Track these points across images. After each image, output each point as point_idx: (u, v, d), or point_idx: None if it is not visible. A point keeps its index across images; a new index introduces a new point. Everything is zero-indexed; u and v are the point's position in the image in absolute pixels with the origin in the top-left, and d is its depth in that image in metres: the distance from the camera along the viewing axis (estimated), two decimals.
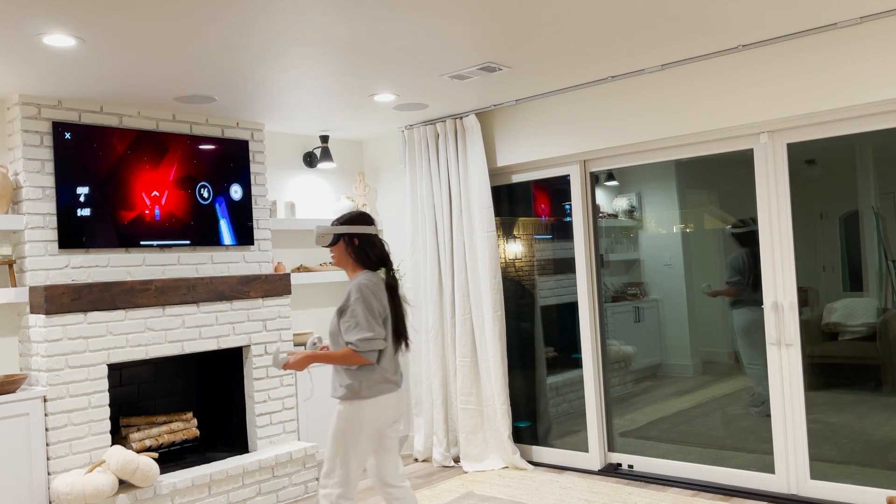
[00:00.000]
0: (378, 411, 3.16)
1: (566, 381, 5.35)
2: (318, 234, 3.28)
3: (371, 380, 3.14)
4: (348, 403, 3.13)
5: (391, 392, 3.21)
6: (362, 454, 3.16)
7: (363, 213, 3.35)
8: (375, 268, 3.29)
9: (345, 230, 3.26)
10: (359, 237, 3.26)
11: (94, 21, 3.06)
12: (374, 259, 3.28)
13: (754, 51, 4.03)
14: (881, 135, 3.88)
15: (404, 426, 5.74)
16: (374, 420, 3.16)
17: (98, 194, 4.27)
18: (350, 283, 3.22)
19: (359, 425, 3.12)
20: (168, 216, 4.55)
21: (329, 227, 3.30)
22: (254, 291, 4.80)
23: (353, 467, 3.14)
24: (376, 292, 3.16)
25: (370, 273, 3.25)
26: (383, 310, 3.19)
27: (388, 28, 3.36)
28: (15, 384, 3.90)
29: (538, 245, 5.58)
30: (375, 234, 3.31)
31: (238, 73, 3.91)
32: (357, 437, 3.12)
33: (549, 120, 4.93)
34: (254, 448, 4.79)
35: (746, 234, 4.44)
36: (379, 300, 3.16)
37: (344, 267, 3.31)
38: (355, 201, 5.88)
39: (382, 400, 3.17)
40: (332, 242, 3.29)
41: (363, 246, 3.26)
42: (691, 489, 4.43)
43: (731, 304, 4.74)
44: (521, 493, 4.56)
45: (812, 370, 4.27)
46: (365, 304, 3.10)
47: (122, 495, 3.97)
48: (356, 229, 3.27)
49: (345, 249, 3.27)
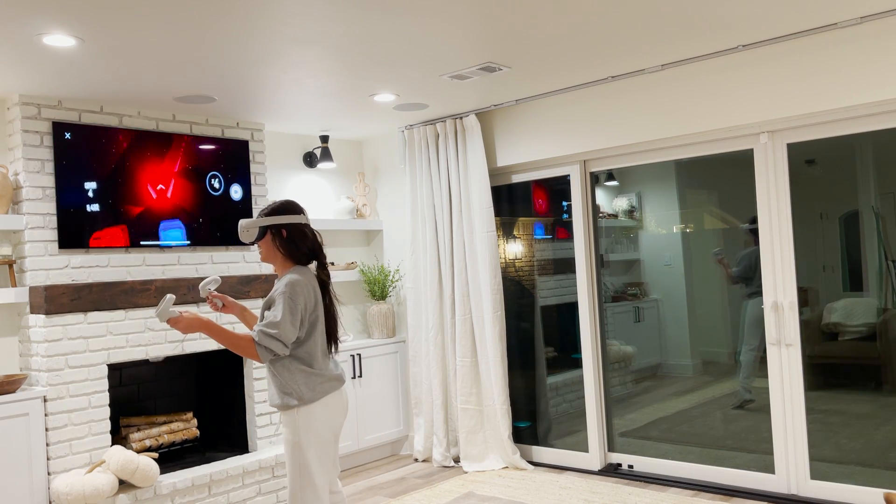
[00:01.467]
0: (326, 412, 2.95)
1: (566, 381, 5.35)
2: (241, 228, 2.99)
3: (310, 382, 2.91)
4: (294, 413, 2.90)
5: (335, 390, 2.99)
6: (324, 461, 2.96)
7: (290, 202, 3.05)
8: (307, 261, 3.02)
9: (271, 221, 2.96)
10: (286, 228, 2.97)
11: (94, 21, 3.06)
12: (305, 252, 3.00)
13: (754, 51, 4.03)
14: (881, 135, 3.88)
15: (404, 426, 5.75)
16: (326, 422, 2.95)
17: (98, 194, 4.26)
18: (279, 279, 2.96)
19: (313, 432, 2.90)
20: (169, 214, 4.55)
21: (253, 219, 3.00)
22: (254, 291, 4.80)
23: (318, 479, 2.92)
24: (306, 291, 2.90)
25: (302, 268, 2.98)
26: (311, 311, 2.93)
27: (389, 28, 3.36)
28: (15, 384, 3.90)
29: (538, 245, 5.58)
30: (306, 224, 3.03)
31: (238, 73, 3.91)
32: (315, 445, 2.91)
33: (549, 120, 4.93)
34: (254, 448, 4.79)
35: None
36: (307, 300, 2.90)
37: (272, 262, 3.02)
38: (355, 201, 5.88)
39: (328, 400, 2.95)
40: (258, 237, 2.99)
41: (292, 237, 2.97)
42: (691, 489, 4.44)
43: (746, 295, 4.70)
44: (521, 494, 4.56)
45: (812, 370, 4.27)
46: (290, 302, 2.83)
47: (122, 495, 3.97)
48: (283, 219, 2.97)
49: (272, 243, 2.98)
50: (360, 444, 5.42)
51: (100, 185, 4.28)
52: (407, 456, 5.67)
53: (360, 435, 5.42)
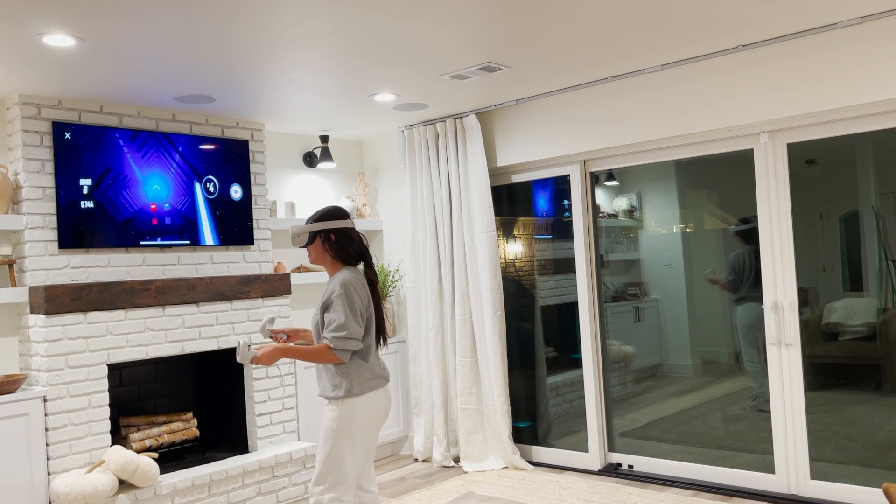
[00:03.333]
0: (370, 408, 3.10)
1: (566, 381, 5.35)
2: (293, 234, 3.20)
3: (361, 377, 3.08)
4: (340, 402, 3.07)
5: (381, 388, 3.16)
6: (359, 454, 3.09)
7: (338, 208, 3.25)
8: (355, 262, 3.22)
9: (320, 227, 3.17)
10: (335, 232, 3.18)
11: (94, 21, 3.06)
12: (352, 254, 3.20)
13: (754, 51, 4.03)
14: (881, 135, 3.88)
15: (404, 426, 5.74)
16: (367, 417, 3.10)
17: (98, 194, 4.26)
18: (331, 279, 3.15)
19: (353, 424, 3.06)
20: (168, 215, 4.55)
21: (304, 225, 3.20)
22: (254, 291, 4.80)
23: (348, 469, 3.05)
24: (359, 289, 3.10)
25: (351, 269, 3.18)
26: (366, 307, 3.12)
27: (388, 28, 3.36)
28: (15, 384, 3.90)
29: (538, 245, 5.58)
30: (352, 227, 3.23)
31: (238, 73, 3.91)
32: (351, 436, 3.06)
33: (549, 120, 4.93)
34: (254, 448, 4.79)
35: (748, 231, 4.45)
36: (361, 298, 3.09)
37: (322, 264, 3.23)
38: (355, 201, 5.88)
39: (373, 396, 3.12)
40: (308, 241, 3.20)
41: (340, 241, 3.18)
42: (691, 489, 4.43)
43: (734, 300, 4.74)
44: (521, 494, 4.56)
45: (812, 370, 4.27)
46: (347, 301, 3.03)
47: (122, 495, 3.97)
48: (332, 224, 3.18)
49: (322, 246, 3.19)
50: None
51: (100, 184, 4.28)
52: (407, 456, 5.67)
53: None
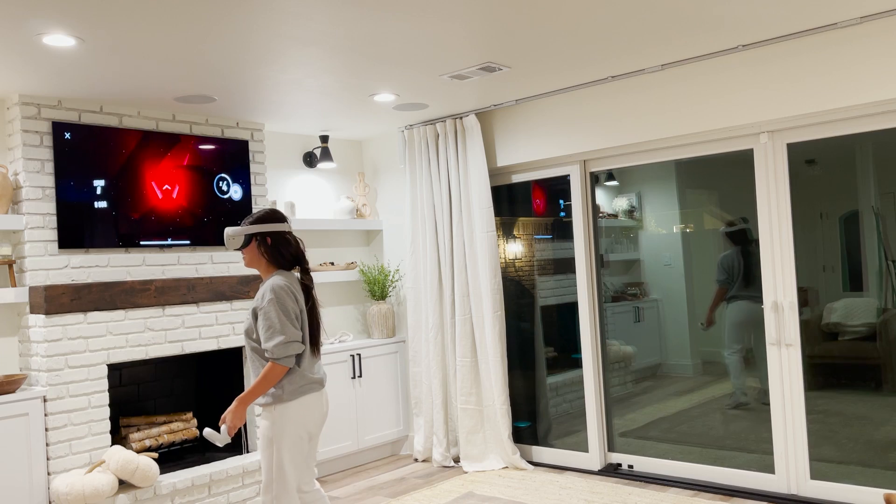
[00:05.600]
0: (303, 412, 3.07)
1: (566, 381, 5.35)
2: (227, 236, 3.14)
3: (293, 383, 3.04)
4: (272, 409, 3.04)
5: (315, 392, 3.12)
6: (297, 459, 3.07)
7: (274, 211, 3.21)
8: (290, 267, 3.18)
9: (256, 230, 3.13)
10: (271, 236, 3.13)
11: (94, 21, 3.06)
12: (288, 258, 3.16)
13: (754, 51, 4.03)
14: (881, 135, 3.88)
15: (404, 426, 5.74)
16: (301, 421, 3.07)
17: (98, 194, 4.26)
18: (262, 285, 3.10)
19: (286, 430, 3.03)
20: (169, 214, 4.55)
21: (239, 227, 3.15)
22: (254, 291, 4.80)
23: (289, 475, 3.04)
24: (291, 293, 3.05)
25: (285, 273, 3.14)
26: (299, 311, 3.08)
27: (389, 28, 3.36)
28: (15, 384, 3.90)
29: (538, 245, 5.58)
30: (289, 231, 3.19)
31: (238, 73, 3.91)
32: (288, 442, 3.03)
33: (549, 120, 4.93)
34: (254, 448, 4.79)
35: (738, 232, 4.47)
36: (294, 301, 3.05)
37: (257, 268, 3.18)
38: (355, 201, 5.88)
39: (307, 400, 3.08)
40: (244, 244, 3.14)
41: (277, 245, 3.14)
42: (691, 489, 4.43)
43: (726, 300, 4.76)
44: (521, 494, 4.56)
45: (812, 370, 4.27)
46: (280, 306, 2.99)
47: (122, 495, 3.97)
48: (269, 227, 3.14)
49: (257, 250, 3.14)
50: (359, 444, 5.42)
51: (100, 184, 4.28)
52: (407, 456, 5.67)
53: (360, 435, 5.42)
